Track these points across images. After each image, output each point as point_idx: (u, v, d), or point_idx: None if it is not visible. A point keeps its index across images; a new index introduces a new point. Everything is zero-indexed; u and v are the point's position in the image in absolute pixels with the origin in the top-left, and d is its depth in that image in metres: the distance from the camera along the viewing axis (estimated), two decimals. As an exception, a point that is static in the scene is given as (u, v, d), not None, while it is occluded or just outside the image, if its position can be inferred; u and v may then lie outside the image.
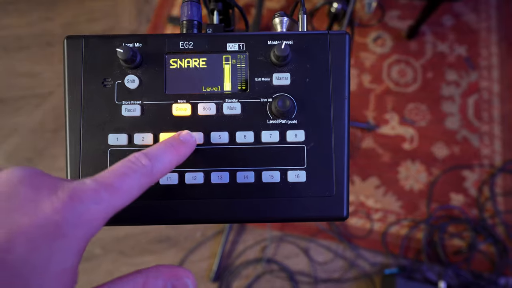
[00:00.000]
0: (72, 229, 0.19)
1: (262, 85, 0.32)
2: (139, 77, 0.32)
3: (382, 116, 1.37)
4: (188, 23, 0.35)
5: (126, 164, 0.23)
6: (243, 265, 1.23)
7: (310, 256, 1.24)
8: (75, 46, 0.32)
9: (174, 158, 0.26)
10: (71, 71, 0.32)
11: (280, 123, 0.32)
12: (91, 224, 0.20)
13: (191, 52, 0.32)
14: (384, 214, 1.28)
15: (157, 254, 1.25)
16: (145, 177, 0.24)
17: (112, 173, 0.22)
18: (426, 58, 1.43)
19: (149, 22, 1.53)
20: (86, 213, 0.20)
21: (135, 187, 0.23)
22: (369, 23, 1.41)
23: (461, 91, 1.39)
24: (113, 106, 0.32)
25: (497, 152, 1.33)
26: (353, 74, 1.42)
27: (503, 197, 1.28)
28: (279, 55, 0.30)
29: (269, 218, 0.31)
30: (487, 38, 1.45)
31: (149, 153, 0.25)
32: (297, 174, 0.31)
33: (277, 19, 0.35)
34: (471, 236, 1.23)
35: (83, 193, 0.20)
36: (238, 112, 0.32)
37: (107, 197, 0.21)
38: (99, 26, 1.53)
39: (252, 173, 0.31)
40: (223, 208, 0.31)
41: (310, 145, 0.31)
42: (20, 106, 1.42)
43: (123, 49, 0.30)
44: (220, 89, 0.32)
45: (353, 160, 1.33)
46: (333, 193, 0.31)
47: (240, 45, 0.32)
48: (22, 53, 1.49)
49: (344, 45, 0.32)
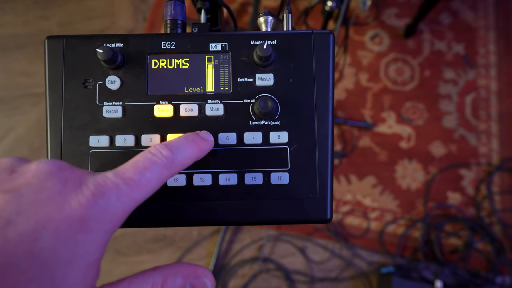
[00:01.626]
0: (96, 224, 0.20)
1: (245, 86, 0.31)
2: (121, 78, 0.31)
3: (379, 114, 1.37)
4: (171, 23, 0.34)
5: (147, 156, 0.23)
6: (240, 264, 1.23)
7: (307, 255, 1.24)
8: (56, 47, 0.31)
9: (195, 151, 0.27)
10: (52, 71, 0.31)
11: (263, 124, 0.31)
12: (113, 218, 0.21)
13: (173, 52, 0.32)
14: (381, 213, 1.28)
15: (154, 253, 1.25)
16: (165, 169, 0.24)
17: (133, 166, 0.23)
18: (423, 56, 1.42)
19: (145, 20, 1.52)
20: (109, 208, 0.20)
21: (155, 180, 0.23)
22: (365, 21, 1.40)
23: (458, 89, 1.39)
24: (94, 107, 0.31)
25: (494, 151, 1.32)
26: (350, 73, 1.41)
27: (500, 195, 1.28)
28: (261, 55, 0.30)
29: (252, 220, 0.31)
30: (485, 36, 1.44)
31: (171, 144, 0.25)
32: (280, 176, 0.31)
33: (262, 18, 0.34)
34: (468, 235, 1.23)
35: (105, 188, 0.21)
36: (221, 113, 0.31)
37: (128, 190, 0.21)
38: (95, 24, 1.52)
39: (235, 175, 0.31)
40: (205, 210, 0.31)
41: (293, 147, 0.31)
42: (17, 105, 1.42)
43: (104, 49, 0.29)
44: (202, 90, 0.32)
45: (350, 159, 1.33)
46: (317, 195, 0.31)
47: (222, 45, 0.32)
48: (18, 52, 1.48)
49: (328, 45, 0.31)
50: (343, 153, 1.33)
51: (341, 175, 1.31)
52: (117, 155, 0.31)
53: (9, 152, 1.36)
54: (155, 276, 0.22)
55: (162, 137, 0.31)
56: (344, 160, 1.33)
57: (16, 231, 0.18)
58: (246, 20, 1.47)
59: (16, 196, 0.19)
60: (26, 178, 0.20)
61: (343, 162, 1.32)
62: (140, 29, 1.51)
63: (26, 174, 0.20)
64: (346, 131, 1.35)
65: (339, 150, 1.34)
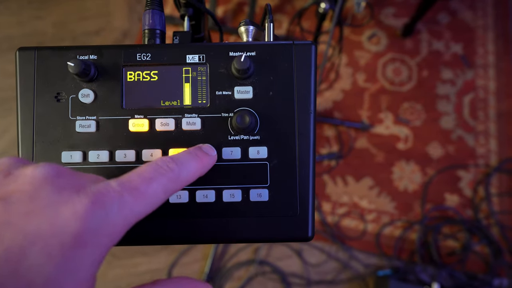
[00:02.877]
0: (92, 237, 0.18)
1: (223, 99, 0.30)
2: (95, 91, 0.30)
3: (376, 115, 1.36)
4: (150, 33, 0.33)
5: (153, 167, 0.22)
6: (235, 266, 1.23)
7: (303, 258, 1.23)
8: (27, 58, 0.30)
9: (200, 167, 0.26)
10: (23, 84, 0.30)
11: (242, 139, 0.30)
12: (112, 231, 0.19)
13: (149, 64, 0.31)
14: (377, 215, 1.27)
15: (149, 256, 1.24)
16: (171, 182, 0.22)
17: (138, 176, 0.21)
18: (421, 56, 1.41)
19: (141, 21, 1.50)
20: (108, 220, 0.19)
21: (161, 192, 0.22)
22: (361, 22, 1.38)
23: (456, 89, 1.37)
24: (67, 121, 0.30)
25: (492, 152, 1.31)
26: (347, 73, 1.40)
27: (498, 197, 1.27)
28: (239, 68, 0.29)
29: (231, 238, 0.30)
30: (484, 36, 1.43)
31: (176, 158, 0.24)
32: (259, 192, 0.30)
33: (243, 28, 0.33)
34: (465, 237, 1.22)
35: (107, 197, 0.19)
36: (198, 128, 0.30)
37: (131, 201, 0.20)
38: (90, 25, 1.51)
39: (213, 192, 0.30)
40: (182, 228, 0.30)
41: (273, 162, 0.30)
42: (11, 106, 1.41)
43: (75, 62, 0.28)
44: (179, 103, 0.30)
45: (347, 160, 1.32)
46: (297, 213, 0.30)
47: (200, 56, 0.31)
48: (12, 53, 1.47)
49: (309, 56, 0.30)
50: (340, 154, 1.32)
51: (338, 177, 1.30)
52: (91, 171, 0.30)
53: (3, 154, 1.35)
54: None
55: (137, 153, 0.30)
56: (341, 161, 1.31)
57: (1, 246, 0.16)
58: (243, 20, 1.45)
59: (6, 204, 0.17)
60: (19, 184, 0.18)
61: (340, 164, 1.31)
62: (136, 30, 1.50)
63: (21, 178, 0.19)
64: (343, 132, 1.34)
65: (336, 151, 1.33)
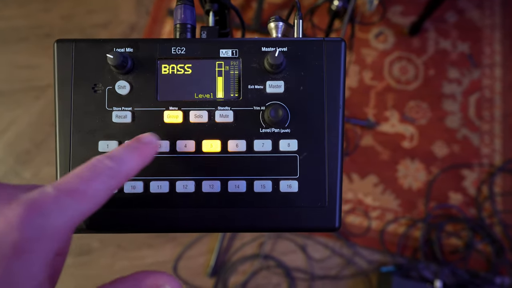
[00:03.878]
0: (33, 244, 0.18)
1: (255, 93, 0.31)
2: (130, 83, 0.31)
3: (382, 113, 1.36)
4: (181, 27, 0.34)
5: (89, 167, 0.22)
6: (240, 260, 1.24)
7: (307, 253, 1.25)
8: (65, 50, 0.31)
9: (140, 159, 0.25)
10: (61, 75, 0.31)
11: (273, 132, 0.31)
12: (56, 235, 0.19)
13: (184, 58, 0.31)
14: (382, 212, 1.28)
15: (155, 248, 1.26)
16: (111, 179, 0.22)
17: (75, 177, 0.21)
18: (428, 55, 1.42)
19: (148, 14, 1.51)
20: (49, 224, 0.18)
21: (102, 190, 0.21)
22: (370, 20, 1.39)
23: (462, 89, 1.38)
24: (104, 112, 0.31)
25: (497, 152, 1.32)
26: (354, 71, 1.40)
27: (502, 196, 1.28)
28: (273, 63, 0.29)
29: (260, 227, 0.31)
30: (491, 36, 1.43)
31: (113, 155, 0.24)
32: (289, 184, 0.31)
33: (272, 24, 0.34)
34: (468, 235, 1.24)
35: (43, 202, 0.19)
36: (231, 120, 0.31)
37: (72, 203, 0.19)
38: (97, 18, 1.51)
39: (244, 182, 0.31)
40: (214, 217, 0.31)
41: (303, 155, 0.31)
42: (18, 98, 1.42)
43: (113, 54, 0.29)
44: (212, 96, 0.31)
45: (352, 158, 1.33)
46: (326, 204, 0.31)
47: (233, 51, 0.31)
48: (20, 45, 1.47)
49: (339, 53, 0.31)
50: (345, 151, 1.33)
51: (343, 174, 1.31)
52: None
53: (10, 146, 1.36)
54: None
55: (172, 143, 0.31)
56: (346, 158, 1.32)
57: None
58: (250, 15, 1.46)
59: None
60: None
61: (345, 161, 1.32)
62: (143, 24, 1.50)
63: None
64: (349, 130, 1.35)
65: (342, 148, 1.34)
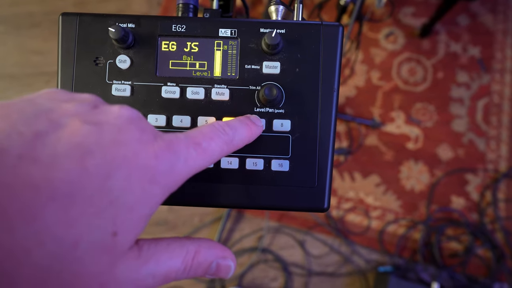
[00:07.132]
0: (162, 178, 0.20)
1: (251, 73, 0.32)
2: (131, 57, 0.32)
3: (388, 114, 1.36)
4: (183, 6, 0.35)
5: (213, 129, 0.24)
6: (239, 253, 1.25)
7: (306, 249, 1.25)
8: (70, 23, 0.32)
9: (248, 135, 0.27)
10: (64, 47, 0.32)
11: (267, 112, 0.32)
12: (177, 177, 0.21)
13: (183, 36, 0.32)
14: (382, 212, 1.28)
15: (154, 236, 1.27)
16: (226, 144, 0.24)
17: (201, 134, 0.23)
18: (438, 57, 1.40)
19: (159, 5, 1.52)
20: (176, 166, 0.21)
21: (217, 152, 0.24)
22: (380, 18, 1.38)
23: (471, 93, 1.37)
24: (104, 85, 0.32)
25: (503, 157, 1.31)
26: (362, 70, 1.40)
27: (505, 203, 1.27)
28: (269, 43, 0.30)
29: (249, 205, 0.31)
30: (503, 41, 1.42)
31: (231, 124, 0.26)
32: (281, 163, 0.31)
33: (273, 7, 0.35)
34: (468, 240, 1.23)
35: (177, 146, 0.21)
36: (226, 98, 0.32)
37: (194, 155, 0.22)
38: (109, 6, 1.53)
39: (237, 159, 0.31)
40: (204, 192, 0.31)
41: (295, 135, 0.31)
42: (29, 82, 1.44)
43: (115, 28, 0.30)
44: (210, 74, 0.32)
45: (355, 156, 1.33)
46: (315, 184, 0.31)
47: (232, 31, 0.32)
48: (33, 30, 1.50)
49: (337, 37, 0.32)
50: (349, 150, 1.33)
51: (345, 172, 1.31)
52: None
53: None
54: (190, 246, 0.23)
55: (168, 118, 0.32)
56: (350, 157, 1.32)
57: (93, 162, 0.18)
58: (261, 10, 1.46)
59: (98, 129, 0.19)
60: (108, 117, 0.20)
61: (348, 159, 1.32)
62: (154, 14, 1.52)
63: (108, 113, 0.20)
64: (354, 129, 1.35)
65: (345, 147, 1.34)
